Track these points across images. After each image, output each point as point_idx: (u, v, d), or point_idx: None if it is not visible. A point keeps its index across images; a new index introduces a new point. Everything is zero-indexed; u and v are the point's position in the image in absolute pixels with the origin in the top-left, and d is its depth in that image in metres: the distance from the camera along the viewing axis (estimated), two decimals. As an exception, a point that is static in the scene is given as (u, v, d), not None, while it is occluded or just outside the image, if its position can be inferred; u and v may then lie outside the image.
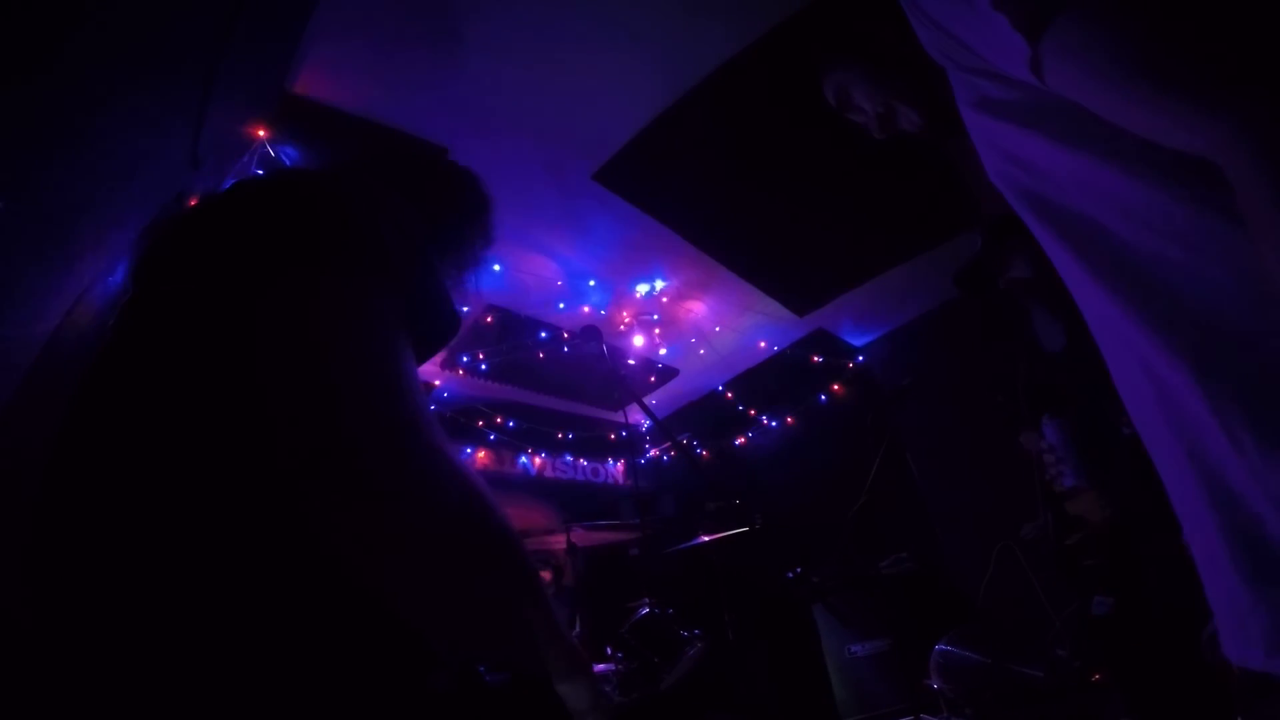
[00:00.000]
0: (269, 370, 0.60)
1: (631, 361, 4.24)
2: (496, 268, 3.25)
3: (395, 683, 0.60)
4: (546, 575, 3.54)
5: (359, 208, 0.72)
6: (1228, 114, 0.43)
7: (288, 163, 2.31)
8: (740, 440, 5.36)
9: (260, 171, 2.27)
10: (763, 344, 4.45)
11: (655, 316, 3.92)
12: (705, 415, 5.18)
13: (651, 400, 4.74)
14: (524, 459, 4.70)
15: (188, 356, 0.64)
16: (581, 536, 3.27)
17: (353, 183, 0.78)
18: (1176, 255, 0.53)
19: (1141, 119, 0.49)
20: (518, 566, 0.68)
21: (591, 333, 2.85)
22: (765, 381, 4.90)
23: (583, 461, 5.10)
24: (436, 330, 0.78)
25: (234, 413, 0.60)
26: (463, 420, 4.17)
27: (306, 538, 0.59)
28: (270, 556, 0.59)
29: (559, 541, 3.24)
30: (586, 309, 3.74)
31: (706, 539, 3.15)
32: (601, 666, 2.75)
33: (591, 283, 3.58)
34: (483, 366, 3.91)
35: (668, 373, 4.58)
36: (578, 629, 3.13)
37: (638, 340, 4.02)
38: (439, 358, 3.80)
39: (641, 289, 3.70)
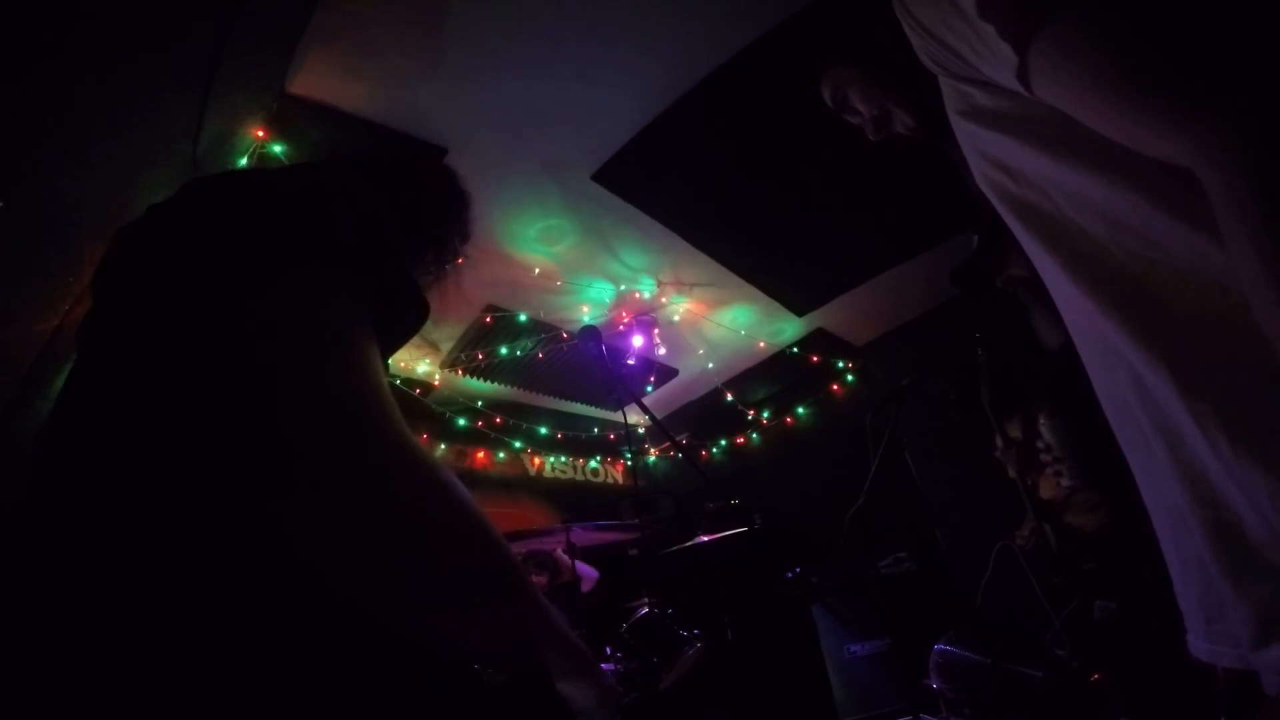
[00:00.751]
0: (213, 374, 0.58)
1: (631, 361, 4.25)
2: (496, 268, 3.26)
3: (389, 687, 0.59)
4: (542, 580, 3.54)
5: (311, 199, 0.69)
6: (1204, 124, 0.44)
7: (286, 163, 2.31)
8: (739, 440, 5.36)
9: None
10: (762, 344, 4.45)
11: (654, 316, 3.92)
12: (704, 415, 5.18)
13: (651, 400, 4.74)
14: (523, 459, 4.70)
15: (135, 368, 0.63)
16: (581, 536, 3.27)
17: (310, 176, 0.76)
18: (1156, 262, 0.54)
19: (1123, 128, 0.50)
20: (497, 561, 0.63)
21: (590, 333, 2.85)
22: (764, 381, 4.91)
23: (582, 461, 5.10)
24: (403, 318, 0.75)
25: (183, 421, 0.58)
26: (462, 420, 4.17)
27: (272, 541, 0.56)
28: (247, 563, 0.57)
29: (558, 542, 3.24)
30: (585, 309, 3.74)
31: (705, 539, 3.15)
32: (601, 666, 2.74)
33: (591, 282, 3.59)
34: (482, 366, 3.91)
35: (667, 373, 4.58)
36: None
37: (637, 340, 4.02)
38: (439, 358, 3.81)
39: (641, 289, 3.70)
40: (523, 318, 3.67)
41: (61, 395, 0.68)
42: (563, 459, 4.95)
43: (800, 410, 5.07)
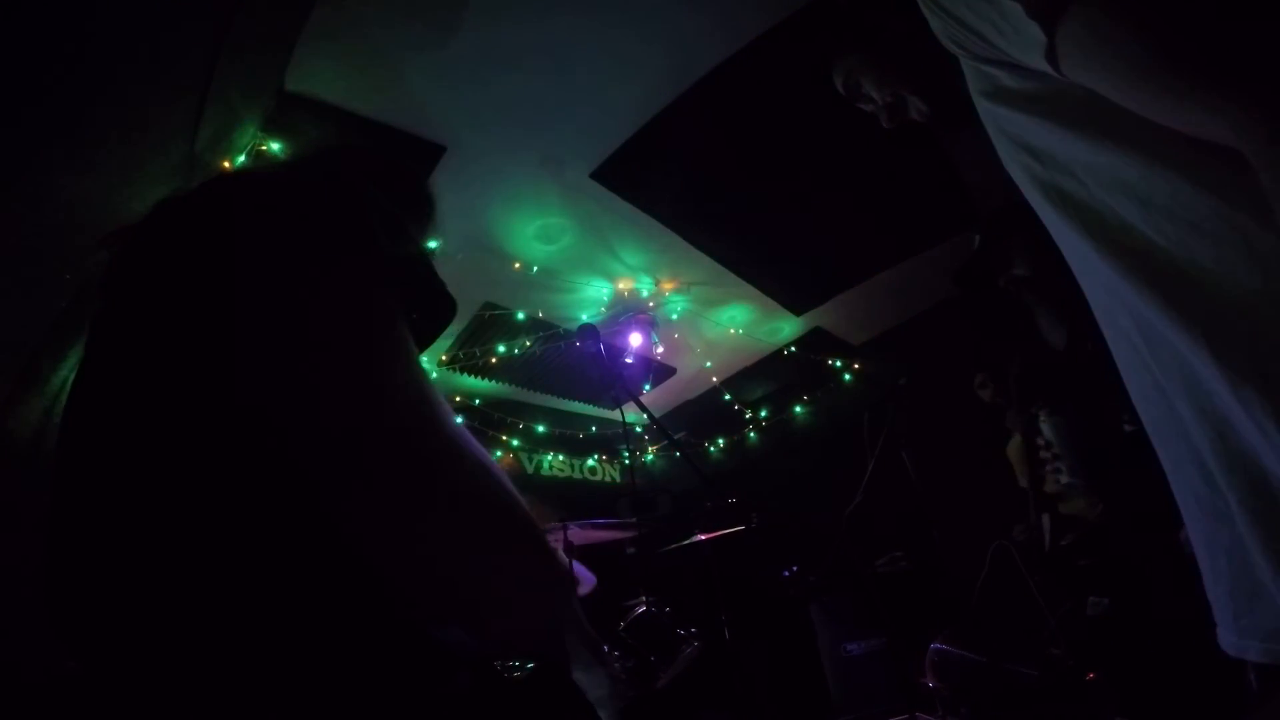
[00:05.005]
0: (264, 370, 0.58)
1: (629, 360, 4.24)
2: (494, 265, 3.25)
3: (412, 685, 0.59)
4: None
5: (342, 194, 0.70)
6: (1250, 97, 0.43)
7: (284, 161, 2.30)
8: (737, 439, 5.36)
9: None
10: (760, 342, 4.46)
11: (652, 315, 3.92)
12: (702, 413, 5.18)
13: (649, 398, 4.74)
14: (521, 457, 4.70)
15: (177, 367, 0.62)
16: (578, 535, 3.26)
17: (332, 172, 0.76)
18: (1198, 245, 0.52)
19: (1161, 105, 0.48)
20: (542, 549, 0.66)
21: (588, 331, 2.85)
22: (762, 380, 4.91)
23: (579, 460, 5.10)
24: (435, 313, 0.76)
25: (236, 417, 0.58)
26: (459, 418, 4.16)
27: (327, 536, 0.57)
28: (291, 559, 0.58)
29: (556, 540, 3.24)
30: (584, 307, 3.74)
31: (703, 537, 3.15)
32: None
33: (589, 280, 3.58)
34: (480, 364, 3.90)
35: (665, 371, 4.58)
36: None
37: (635, 339, 4.02)
38: (435, 356, 3.80)
39: (639, 287, 3.70)
40: (521, 315, 3.67)
41: (86, 396, 0.67)
42: (560, 457, 4.94)
43: (798, 409, 5.08)
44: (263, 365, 0.59)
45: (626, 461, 5.20)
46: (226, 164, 2.26)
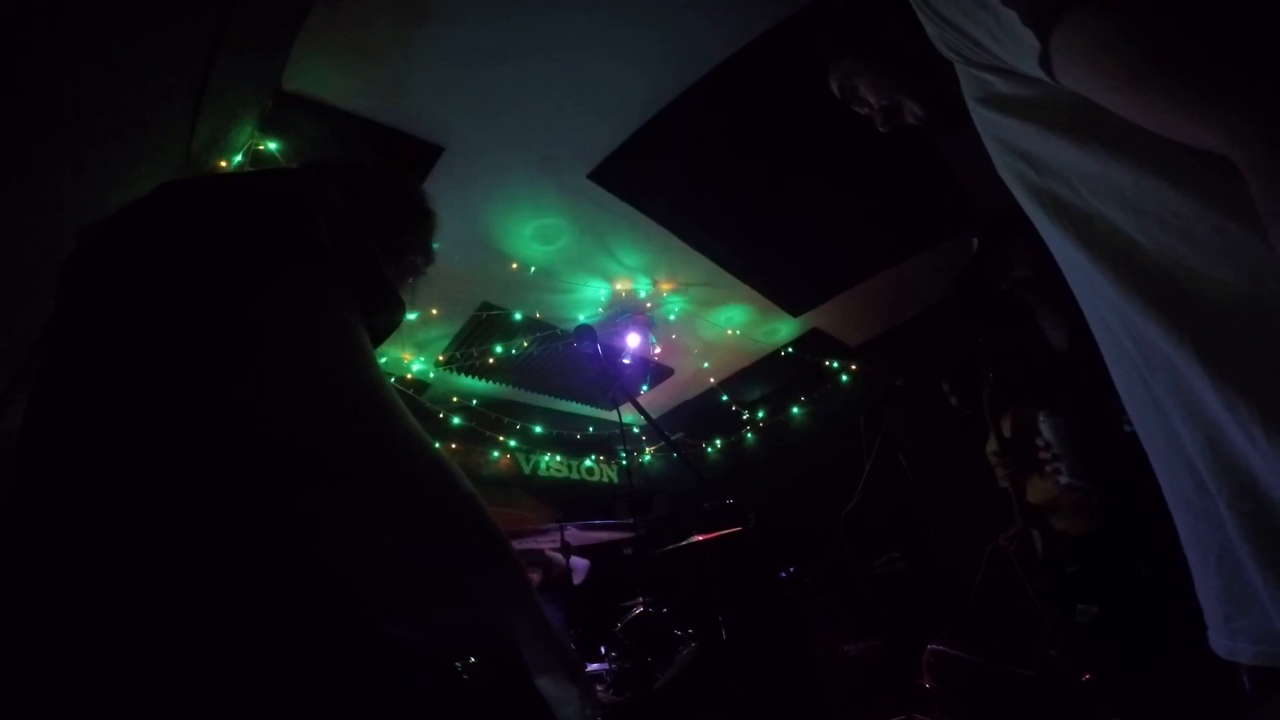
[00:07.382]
0: (221, 367, 0.60)
1: (626, 360, 4.24)
2: (492, 266, 3.25)
3: (369, 684, 0.59)
4: (535, 576, 3.54)
5: (288, 201, 0.71)
6: (1239, 107, 0.43)
7: (282, 161, 2.30)
8: (734, 439, 5.37)
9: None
10: (757, 343, 4.46)
11: (650, 316, 3.92)
12: (700, 414, 5.18)
13: (646, 399, 4.74)
14: (517, 458, 4.69)
15: (130, 359, 0.63)
16: (575, 535, 3.26)
17: (285, 180, 0.78)
18: (1185, 251, 0.52)
19: (1153, 114, 0.48)
20: (497, 551, 0.66)
21: (586, 332, 2.84)
22: (760, 381, 4.92)
23: (577, 460, 5.10)
24: (381, 315, 0.77)
25: (189, 412, 0.60)
26: (456, 419, 4.16)
27: (279, 532, 0.58)
28: (243, 556, 0.58)
29: (553, 540, 3.23)
30: (581, 307, 3.74)
31: (700, 538, 3.15)
32: (595, 665, 2.75)
33: (587, 281, 3.58)
34: (477, 365, 3.90)
35: (662, 371, 4.58)
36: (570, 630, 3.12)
37: (632, 339, 4.02)
38: (433, 356, 3.80)
39: (637, 288, 3.70)
40: (518, 316, 3.67)
41: (42, 399, 0.67)
42: (557, 458, 4.94)
43: (795, 410, 5.08)
44: (216, 368, 0.60)
45: (624, 462, 5.20)
46: (224, 164, 2.26)
